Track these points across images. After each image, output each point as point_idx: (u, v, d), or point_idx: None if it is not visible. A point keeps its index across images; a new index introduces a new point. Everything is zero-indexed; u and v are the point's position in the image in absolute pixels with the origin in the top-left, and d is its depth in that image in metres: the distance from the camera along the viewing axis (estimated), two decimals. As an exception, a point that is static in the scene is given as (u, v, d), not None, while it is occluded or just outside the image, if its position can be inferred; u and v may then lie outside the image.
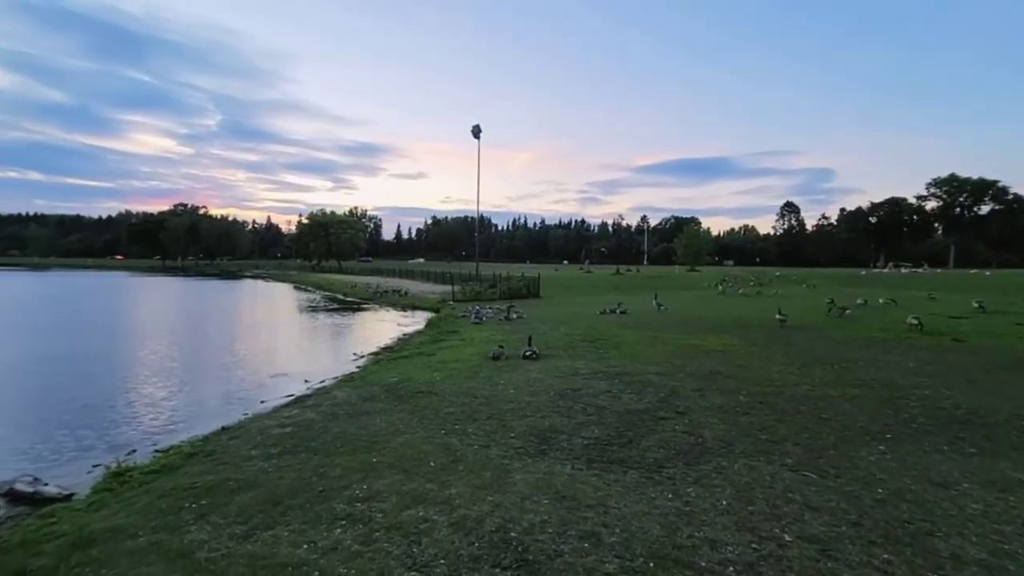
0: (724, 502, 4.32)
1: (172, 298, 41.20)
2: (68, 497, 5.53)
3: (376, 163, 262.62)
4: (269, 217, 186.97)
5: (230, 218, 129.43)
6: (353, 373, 11.78)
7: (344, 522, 4.04)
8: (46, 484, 5.80)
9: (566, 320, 18.37)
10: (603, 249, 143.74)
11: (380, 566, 3.41)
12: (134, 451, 7.12)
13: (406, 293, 37.00)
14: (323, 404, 7.92)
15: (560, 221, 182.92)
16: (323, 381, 11.25)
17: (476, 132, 43.15)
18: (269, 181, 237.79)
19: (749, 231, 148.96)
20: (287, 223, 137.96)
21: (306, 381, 11.51)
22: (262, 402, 9.80)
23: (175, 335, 20.35)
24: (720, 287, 37.36)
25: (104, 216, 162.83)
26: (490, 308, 22.66)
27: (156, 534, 3.95)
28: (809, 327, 15.89)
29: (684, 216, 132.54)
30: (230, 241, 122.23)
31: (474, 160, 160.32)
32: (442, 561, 3.46)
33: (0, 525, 4.88)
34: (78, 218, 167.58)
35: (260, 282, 65.43)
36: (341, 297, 40.65)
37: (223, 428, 7.50)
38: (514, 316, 19.38)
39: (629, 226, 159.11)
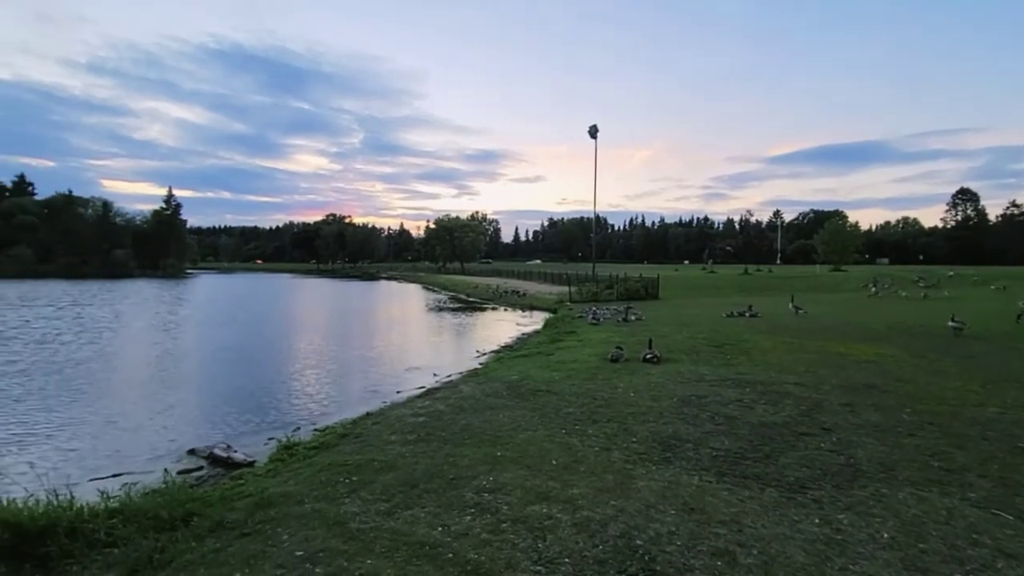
0: (885, 535, 3.80)
1: (324, 297, 46.90)
2: (251, 463, 6.61)
3: (496, 169, 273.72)
4: (402, 223, 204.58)
5: (370, 225, 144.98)
6: (476, 369, 12.41)
7: (473, 510, 4.28)
8: (236, 451, 7.02)
9: (688, 323, 17.43)
10: (728, 247, 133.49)
11: (508, 556, 3.56)
12: (298, 428, 8.26)
13: (524, 294, 37.94)
14: (451, 397, 8.45)
15: (680, 219, 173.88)
16: (450, 376, 12.03)
17: (593, 132, 42.86)
18: (401, 190, 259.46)
19: (909, 224, 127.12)
20: (416, 228, 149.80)
21: (435, 375, 12.42)
22: (398, 392, 10.81)
23: (326, 330, 23.25)
24: (872, 288, 32.67)
25: (273, 227, 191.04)
26: (607, 309, 22.31)
27: (318, 503, 4.55)
28: (994, 337, 13.25)
29: (826, 209, 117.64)
30: (370, 246, 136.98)
31: (590, 161, 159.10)
32: (567, 560, 3.50)
33: (205, 482, 6.02)
34: (255, 229, 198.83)
35: (394, 283, 71.68)
36: (464, 297, 42.96)
37: (367, 414, 8.40)
38: (632, 318, 18.86)
39: (759, 222, 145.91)
